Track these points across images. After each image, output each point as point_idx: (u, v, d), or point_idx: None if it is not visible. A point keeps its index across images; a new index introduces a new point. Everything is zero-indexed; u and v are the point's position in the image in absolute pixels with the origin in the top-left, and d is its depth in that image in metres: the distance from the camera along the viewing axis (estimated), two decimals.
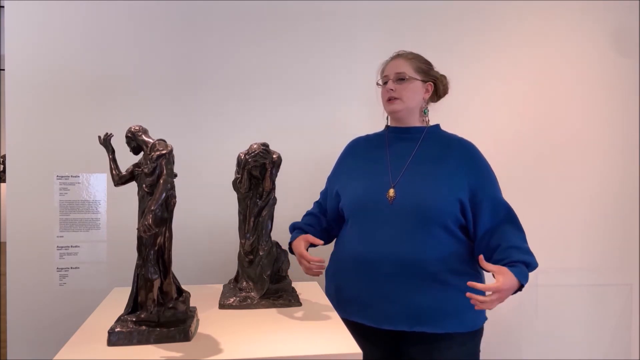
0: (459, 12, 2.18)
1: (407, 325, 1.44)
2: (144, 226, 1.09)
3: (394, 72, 1.58)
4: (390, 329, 1.46)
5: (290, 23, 2.09)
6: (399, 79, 1.56)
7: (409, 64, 1.58)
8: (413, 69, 1.58)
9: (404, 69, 1.57)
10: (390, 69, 1.60)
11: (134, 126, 1.19)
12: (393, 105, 1.57)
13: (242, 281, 1.47)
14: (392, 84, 1.56)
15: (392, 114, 1.61)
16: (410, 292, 1.43)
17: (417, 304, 1.43)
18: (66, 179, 1.94)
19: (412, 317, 1.43)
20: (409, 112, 1.60)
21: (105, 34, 1.97)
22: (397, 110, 1.58)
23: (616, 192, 2.29)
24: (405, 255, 1.43)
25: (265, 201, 1.44)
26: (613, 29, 2.27)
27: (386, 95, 1.58)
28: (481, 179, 1.50)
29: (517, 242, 1.44)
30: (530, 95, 2.23)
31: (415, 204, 1.45)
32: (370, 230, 1.49)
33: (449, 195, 1.46)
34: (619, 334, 2.32)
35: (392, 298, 1.44)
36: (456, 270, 1.45)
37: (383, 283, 1.45)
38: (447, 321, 1.43)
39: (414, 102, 1.59)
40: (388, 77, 1.59)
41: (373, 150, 1.64)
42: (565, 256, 2.26)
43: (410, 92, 1.57)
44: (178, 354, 1.05)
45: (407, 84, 1.56)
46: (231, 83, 2.06)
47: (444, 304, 1.43)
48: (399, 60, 1.60)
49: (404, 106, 1.57)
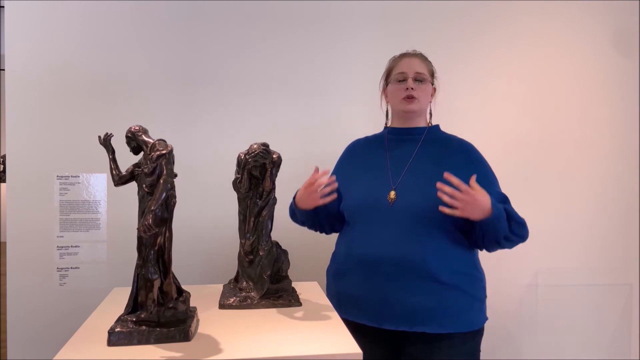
0: (459, 12, 2.18)
1: (408, 325, 1.44)
2: (144, 226, 1.09)
3: (413, 70, 1.55)
4: (391, 329, 1.46)
5: (291, 24, 2.09)
6: (419, 79, 1.55)
7: (425, 65, 1.58)
8: (428, 71, 1.58)
9: (423, 69, 1.56)
10: (407, 66, 1.57)
11: (134, 126, 1.19)
12: (411, 105, 1.55)
13: (242, 281, 1.47)
14: (412, 82, 1.54)
15: (407, 113, 1.59)
16: (410, 293, 1.43)
17: (417, 304, 1.43)
18: (66, 179, 1.94)
19: (413, 317, 1.43)
20: (420, 113, 1.60)
21: (105, 33, 1.98)
22: (414, 110, 1.57)
23: (616, 192, 2.29)
24: (405, 256, 1.43)
25: (265, 201, 1.44)
26: (613, 29, 2.27)
27: (404, 93, 1.55)
28: (481, 178, 1.50)
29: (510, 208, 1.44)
30: (530, 95, 2.23)
31: (415, 206, 1.46)
32: (371, 231, 1.49)
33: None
34: (619, 334, 2.32)
35: (393, 298, 1.44)
36: (456, 270, 1.45)
37: (383, 283, 1.45)
38: (447, 321, 1.43)
39: (427, 104, 1.60)
40: (406, 74, 1.56)
41: (373, 153, 1.63)
42: (565, 256, 2.26)
43: (426, 93, 1.57)
44: (178, 354, 1.05)
45: (424, 85, 1.56)
46: (231, 83, 2.06)
47: (444, 304, 1.43)
48: (415, 59, 1.58)
49: (420, 107, 1.57)
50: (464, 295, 1.45)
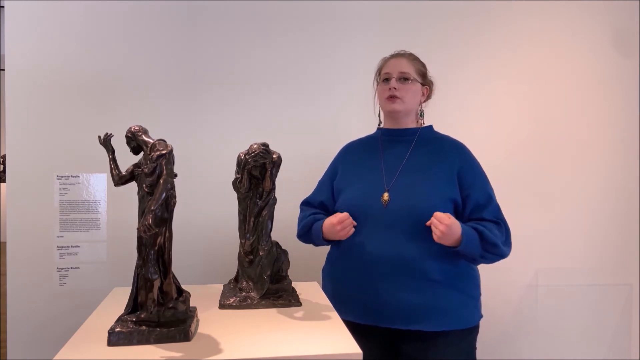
0: (459, 12, 2.18)
1: (403, 324, 1.46)
2: (144, 226, 1.09)
3: (397, 70, 1.56)
4: (386, 327, 1.47)
5: (290, 24, 2.09)
6: (403, 79, 1.56)
7: (412, 65, 1.58)
8: (415, 71, 1.58)
9: (408, 69, 1.56)
10: (393, 67, 1.58)
11: (134, 126, 1.19)
12: (394, 105, 1.57)
13: (242, 281, 1.47)
14: (395, 82, 1.55)
15: (391, 113, 1.60)
16: (405, 292, 1.45)
17: (412, 303, 1.44)
18: (66, 179, 1.94)
19: (408, 315, 1.45)
20: (407, 113, 1.60)
21: (105, 33, 1.98)
22: (397, 110, 1.57)
23: (616, 192, 2.29)
24: (399, 256, 1.45)
25: (265, 201, 1.44)
26: (613, 29, 2.27)
27: (387, 93, 1.57)
28: (472, 178, 1.52)
29: (492, 228, 1.46)
30: (530, 95, 2.23)
31: (408, 207, 1.47)
32: (366, 233, 1.50)
33: (441, 197, 1.48)
34: (619, 334, 2.32)
35: (388, 297, 1.46)
36: (450, 269, 1.47)
37: (378, 283, 1.47)
38: (442, 319, 1.45)
39: (414, 104, 1.59)
40: (390, 74, 1.57)
41: (367, 155, 1.64)
42: (565, 256, 2.26)
43: (412, 93, 1.57)
44: (178, 354, 1.05)
45: (409, 85, 1.56)
46: (231, 83, 2.06)
47: (438, 302, 1.45)
48: (402, 59, 1.59)
49: (404, 107, 1.57)
50: (459, 294, 1.47)
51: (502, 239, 1.47)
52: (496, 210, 1.51)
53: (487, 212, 1.49)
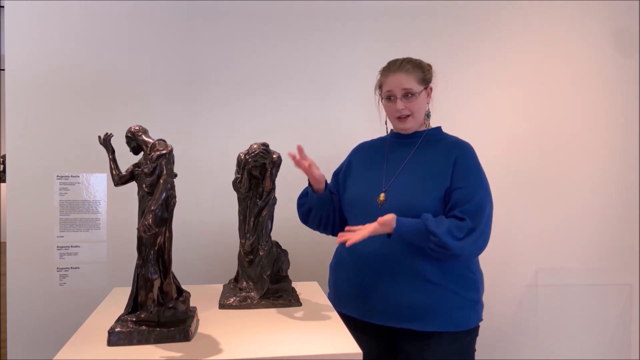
0: (460, 13, 2.18)
1: (397, 322, 1.47)
2: (144, 226, 1.09)
3: (399, 88, 1.52)
4: (381, 324, 1.49)
5: (291, 25, 2.09)
6: (408, 95, 1.52)
7: (412, 77, 1.53)
8: (416, 81, 1.53)
9: (409, 84, 1.52)
10: (393, 85, 1.53)
11: (134, 126, 1.19)
12: (405, 124, 1.56)
13: (242, 281, 1.47)
14: (401, 103, 1.52)
15: (404, 131, 1.59)
16: (399, 290, 1.45)
17: (406, 302, 1.45)
18: (66, 179, 1.94)
19: (401, 314, 1.46)
20: (417, 125, 1.59)
21: (105, 34, 1.97)
22: (410, 127, 1.57)
23: (616, 192, 2.29)
24: (394, 256, 1.46)
25: (265, 201, 1.44)
26: (613, 29, 2.27)
27: (396, 114, 1.55)
28: (462, 176, 1.48)
29: (444, 221, 1.41)
30: (530, 95, 2.23)
31: (401, 206, 1.46)
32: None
33: (433, 195, 1.47)
34: (619, 334, 2.32)
35: (382, 295, 1.47)
36: (445, 270, 1.46)
37: (373, 279, 1.48)
38: (436, 319, 1.45)
39: (423, 113, 1.59)
40: (393, 93, 1.53)
41: (374, 156, 1.65)
42: (565, 256, 2.26)
43: (419, 105, 1.55)
44: (178, 354, 1.05)
45: (414, 99, 1.53)
46: (231, 83, 2.06)
47: (432, 302, 1.45)
48: (400, 75, 1.53)
49: (415, 122, 1.57)
50: (454, 295, 1.46)
51: (455, 234, 1.38)
52: (472, 210, 1.42)
53: (460, 210, 1.43)
